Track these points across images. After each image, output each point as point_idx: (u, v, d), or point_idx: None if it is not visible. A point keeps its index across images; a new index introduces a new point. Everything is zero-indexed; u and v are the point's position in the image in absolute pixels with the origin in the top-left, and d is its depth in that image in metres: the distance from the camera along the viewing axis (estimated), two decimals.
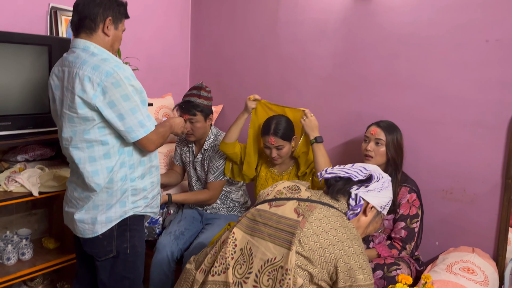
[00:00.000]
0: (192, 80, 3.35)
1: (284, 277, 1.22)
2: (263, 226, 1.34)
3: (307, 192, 1.47)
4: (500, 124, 2.06)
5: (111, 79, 1.63)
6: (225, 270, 1.29)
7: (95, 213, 1.76)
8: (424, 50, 2.24)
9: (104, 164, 1.73)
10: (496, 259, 2.10)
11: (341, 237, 1.30)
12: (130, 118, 1.68)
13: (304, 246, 1.27)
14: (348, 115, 2.55)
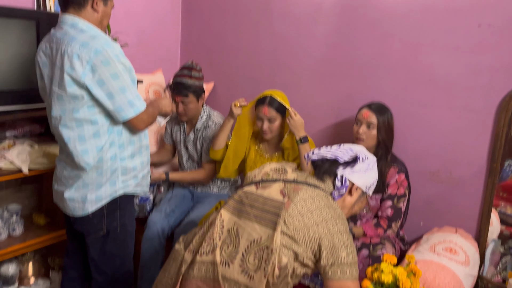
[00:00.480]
0: (183, 56, 3.31)
1: (269, 257, 1.26)
2: (249, 208, 1.37)
3: (293, 173, 1.49)
4: (488, 109, 2.09)
5: (100, 57, 1.61)
6: (213, 251, 1.32)
7: (85, 192, 1.77)
8: (417, 33, 2.24)
9: (94, 143, 1.72)
10: (478, 240, 2.17)
11: (325, 216, 1.33)
12: (120, 97, 1.66)
13: (289, 226, 1.30)
14: (339, 95, 2.55)
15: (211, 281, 1.30)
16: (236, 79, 3.02)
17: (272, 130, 2.27)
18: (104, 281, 1.92)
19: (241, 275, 1.28)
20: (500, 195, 2.33)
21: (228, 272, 1.29)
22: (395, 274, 1.61)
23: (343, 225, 1.35)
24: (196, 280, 1.32)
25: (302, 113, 2.64)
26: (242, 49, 2.95)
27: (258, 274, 1.26)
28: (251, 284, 1.26)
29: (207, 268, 1.31)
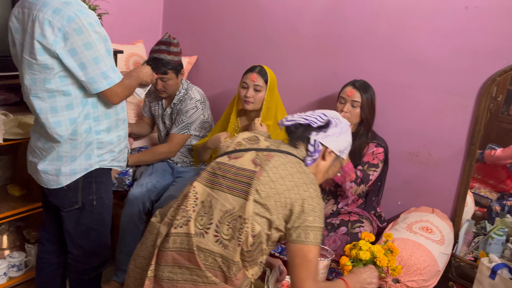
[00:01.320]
0: (165, 28, 3.22)
1: (242, 226, 1.27)
2: (222, 179, 1.37)
3: (266, 141, 1.48)
4: (469, 92, 2.12)
5: (73, 24, 1.53)
6: (187, 223, 1.32)
7: (59, 165, 1.72)
8: (404, 13, 2.23)
9: (67, 115, 1.66)
10: (453, 220, 2.23)
11: (297, 181, 1.33)
12: (93, 68, 1.60)
13: (261, 194, 1.30)
14: (324, 73, 2.54)
15: (186, 252, 1.31)
16: (220, 53, 2.96)
17: (255, 99, 2.23)
18: (80, 254, 1.90)
19: (215, 245, 1.29)
20: (475, 176, 2.39)
21: (203, 243, 1.30)
22: (373, 252, 1.65)
23: (315, 190, 1.35)
24: (172, 252, 1.32)
25: (286, 90, 2.64)
26: (227, 22, 2.88)
27: (232, 243, 1.27)
28: (226, 253, 1.28)
29: (182, 240, 1.32)
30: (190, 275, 1.30)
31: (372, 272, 1.56)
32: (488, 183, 2.39)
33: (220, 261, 1.28)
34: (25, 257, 2.39)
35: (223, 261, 1.28)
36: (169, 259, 1.32)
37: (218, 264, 1.28)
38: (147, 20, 3.14)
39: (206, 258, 1.29)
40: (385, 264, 1.64)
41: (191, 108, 2.41)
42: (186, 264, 1.30)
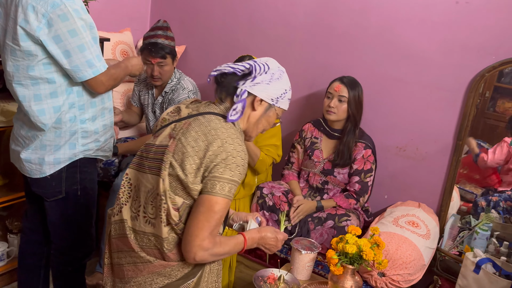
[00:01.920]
0: (153, 16, 3.16)
1: (161, 203, 1.24)
2: (145, 160, 1.34)
3: (187, 109, 1.38)
4: (458, 88, 2.12)
5: (58, 10, 1.50)
6: (120, 210, 1.34)
7: (42, 154, 1.69)
8: (395, 7, 2.22)
9: (51, 103, 1.63)
10: (439, 214, 2.25)
11: (210, 139, 1.25)
12: (77, 56, 1.56)
13: (175, 166, 1.25)
14: (314, 66, 2.52)
15: (123, 237, 1.33)
16: (209, 43, 2.92)
17: None
18: (64, 245, 1.87)
19: (146, 225, 1.30)
20: (461, 171, 2.41)
21: (137, 225, 1.31)
22: (359, 245, 1.65)
23: (231, 143, 1.25)
24: (115, 239, 1.36)
25: None
26: (217, 11, 2.84)
27: (157, 221, 1.27)
28: (155, 231, 1.27)
29: (119, 226, 1.35)
30: (130, 257, 1.32)
31: (277, 235, 1.48)
32: (474, 178, 2.41)
33: (154, 240, 1.28)
34: (7, 247, 2.35)
35: (156, 239, 1.27)
36: (114, 246, 1.36)
37: (153, 243, 1.29)
38: (135, 8, 3.08)
39: (142, 239, 1.30)
40: (371, 258, 1.63)
41: (184, 98, 2.37)
42: (125, 248, 1.33)
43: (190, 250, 1.22)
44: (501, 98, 2.28)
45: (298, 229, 2.13)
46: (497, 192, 2.27)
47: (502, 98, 2.28)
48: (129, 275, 1.33)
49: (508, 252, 2.05)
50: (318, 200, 2.24)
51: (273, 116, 1.44)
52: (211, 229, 1.23)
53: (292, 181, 2.33)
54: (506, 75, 2.22)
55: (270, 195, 2.19)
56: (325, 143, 2.28)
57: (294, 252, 1.81)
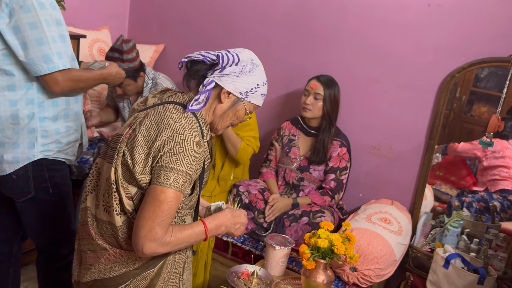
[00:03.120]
0: (132, 14, 3.15)
1: (111, 191, 1.23)
2: (108, 149, 1.31)
3: (153, 99, 1.35)
4: (430, 88, 2.17)
5: (21, 1, 1.48)
6: (86, 198, 1.34)
7: (1, 151, 1.64)
8: (370, 8, 2.26)
9: (8, 96, 1.58)
10: (412, 212, 2.29)
11: (161, 128, 1.22)
12: (34, 49, 1.51)
13: (126, 155, 1.23)
14: (292, 66, 2.55)
15: (85, 225, 1.33)
16: (188, 42, 2.93)
17: None
18: (47, 244, 1.82)
19: (103, 214, 1.28)
20: (437, 173, 2.46)
21: (98, 214, 1.30)
22: (331, 240, 1.67)
23: (182, 133, 1.21)
24: (80, 226, 1.37)
25: None
26: (195, 10, 2.85)
27: (110, 209, 1.25)
28: (111, 219, 1.26)
29: (84, 214, 1.35)
30: (90, 245, 1.32)
31: (241, 216, 1.41)
32: (450, 180, 2.47)
33: (110, 228, 1.27)
34: None
35: (112, 227, 1.26)
36: (80, 232, 1.37)
37: (110, 231, 1.28)
38: (113, 6, 3.06)
39: (101, 227, 1.29)
40: (343, 252, 1.65)
41: None
42: (86, 235, 1.33)
43: (137, 242, 1.17)
44: (477, 102, 2.35)
45: (273, 226, 2.14)
46: (471, 192, 2.33)
47: (478, 102, 2.34)
48: (90, 262, 1.32)
49: (478, 249, 2.10)
50: (294, 197, 2.25)
51: (242, 111, 1.37)
52: (160, 220, 1.16)
53: (269, 179, 2.35)
54: (481, 79, 2.29)
55: (246, 193, 2.20)
56: (302, 141, 2.31)
57: (268, 247, 1.82)
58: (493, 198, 2.24)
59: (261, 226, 2.15)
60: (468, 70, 2.09)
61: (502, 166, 2.28)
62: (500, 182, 2.27)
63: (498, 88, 2.08)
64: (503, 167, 2.28)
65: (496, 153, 2.29)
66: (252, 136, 2.29)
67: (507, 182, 2.26)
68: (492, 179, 2.30)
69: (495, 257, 2.10)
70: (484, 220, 2.24)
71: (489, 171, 2.32)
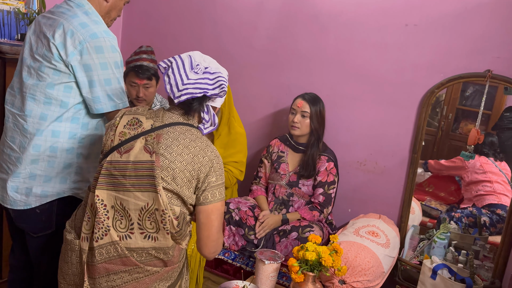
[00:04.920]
0: (124, 40, 3.25)
1: (164, 216, 1.28)
2: (123, 178, 1.30)
3: (148, 121, 1.37)
4: (411, 104, 2.25)
5: (96, 41, 1.54)
6: (106, 232, 1.31)
7: (31, 184, 1.61)
8: (350, 30, 2.36)
9: (52, 126, 1.59)
10: (399, 225, 2.33)
11: (193, 151, 1.33)
12: (102, 88, 1.58)
13: (167, 180, 1.30)
14: (278, 86, 2.63)
15: (118, 258, 1.31)
16: None
17: None
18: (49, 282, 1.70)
19: (145, 241, 1.31)
20: (427, 190, 2.52)
21: (131, 244, 1.31)
22: (319, 252, 1.70)
23: (212, 151, 1.37)
24: (102, 264, 1.31)
25: (242, 102, 2.71)
26: (185, 35, 2.95)
27: (160, 234, 1.30)
28: (158, 244, 1.31)
29: (108, 249, 1.31)
30: (129, 275, 1.32)
31: None
32: (439, 196, 2.52)
33: (154, 253, 1.31)
34: None
35: (157, 252, 1.31)
36: (102, 270, 1.32)
37: (153, 256, 1.32)
38: None
39: (140, 255, 1.31)
40: (330, 264, 1.69)
41: None
42: (122, 268, 1.31)
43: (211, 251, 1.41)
44: (464, 120, 2.43)
45: (264, 242, 2.17)
46: (460, 208, 2.38)
47: (465, 120, 2.42)
48: None
49: (466, 260, 2.13)
50: (283, 213, 2.30)
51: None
52: (219, 228, 1.41)
53: (259, 196, 2.39)
54: (467, 97, 2.38)
55: (237, 210, 2.24)
56: (291, 157, 2.37)
57: (258, 262, 1.85)
58: (482, 213, 2.29)
59: (251, 242, 2.18)
60: (446, 85, 2.17)
61: (485, 181, 2.35)
62: (485, 197, 2.33)
63: (484, 105, 2.15)
64: (486, 182, 2.34)
65: (477, 169, 2.35)
66: (236, 161, 2.32)
67: (493, 197, 2.32)
68: (477, 195, 2.36)
69: (482, 267, 2.14)
70: (472, 232, 2.29)
71: (473, 187, 2.38)
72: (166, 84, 1.38)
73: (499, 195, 2.30)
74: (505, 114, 2.25)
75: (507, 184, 2.30)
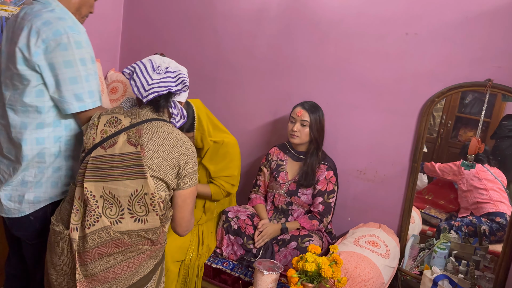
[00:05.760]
0: (124, 48, 3.24)
1: (153, 200, 1.43)
2: (110, 170, 1.43)
3: (126, 118, 1.52)
4: (411, 113, 2.25)
5: (59, 39, 1.48)
6: (98, 219, 1.41)
7: (23, 191, 1.60)
8: (350, 38, 2.36)
9: (35, 134, 1.56)
10: (399, 235, 2.32)
11: (172, 141, 1.50)
12: (67, 87, 1.51)
13: (152, 167, 1.45)
14: (278, 94, 2.62)
15: (111, 241, 1.41)
16: None
17: None
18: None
19: (135, 224, 1.44)
20: (426, 198, 2.50)
21: (122, 227, 1.43)
22: (318, 263, 1.69)
23: (187, 142, 1.54)
24: (95, 249, 1.41)
25: (242, 110, 2.70)
26: (184, 44, 2.95)
27: (150, 216, 1.44)
28: (147, 226, 1.45)
29: (100, 235, 1.41)
30: (122, 255, 1.43)
31: None
32: (439, 204, 2.51)
33: (143, 234, 1.45)
34: None
35: (146, 233, 1.45)
36: (95, 255, 1.41)
37: (142, 237, 1.46)
38: (104, 40, 3.15)
39: (130, 237, 1.44)
40: (330, 275, 1.67)
41: None
42: (115, 250, 1.42)
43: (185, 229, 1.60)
44: (463, 128, 2.42)
45: (262, 251, 2.15)
46: (459, 217, 2.36)
47: (464, 128, 2.42)
48: (120, 273, 1.43)
49: (466, 271, 2.11)
50: (282, 222, 2.28)
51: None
52: (192, 209, 1.61)
53: (258, 204, 2.37)
54: (466, 105, 2.37)
55: (235, 219, 2.22)
56: (290, 165, 2.36)
57: (257, 273, 1.83)
58: (481, 222, 2.28)
59: (250, 252, 2.16)
60: (446, 94, 2.17)
61: (481, 189, 2.34)
62: (483, 205, 2.32)
63: (484, 113, 2.14)
64: (482, 190, 2.33)
65: (472, 176, 2.34)
66: (225, 176, 2.25)
67: (490, 205, 2.31)
68: (474, 203, 2.35)
69: (483, 278, 2.12)
70: (472, 242, 2.27)
71: (469, 195, 2.37)
72: (133, 87, 1.53)
73: (496, 203, 2.29)
74: (503, 122, 2.25)
75: (503, 191, 2.29)
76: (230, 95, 2.76)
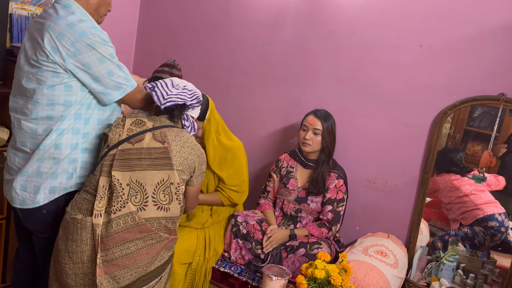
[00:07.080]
0: (138, 50, 3.28)
1: (178, 189, 1.63)
2: (139, 160, 1.60)
3: (150, 121, 1.71)
4: (423, 124, 2.26)
5: (86, 39, 1.57)
6: (125, 204, 1.55)
7: (39, 182, 1.65)
8: (365, 49, 2.38)
9: (57, 125, 1.63)
10: (408, 246, 2.32)
11: (190, 145, 1.70)
12: (106, 81, 1.64)
13: (175, 163, 1.63)
14: (290, 101, 2.64)
15: (135, 227, 1.55)
16: (192, 78, 3.02)
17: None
18: None
19: (157, 211, 1.60)
20: (433, 210, 2.50)
21: (145, 214, 1.58)
22: (328, 270, 1.69)
23: (199, 149, 1.74)
24: (119, 233, 1.53)
25: (253, 116, 2.73)
26: (199, 48, 2.98)
27: (172, 205, 1.62)
28: (169, 214, 1.62)
29: (125, 219, 1.54)
30: (144, 242, 1.57)
31: None
32: (445, 216, 2.50)
33: (164, 222, 1.62)
34: None
35: (166, 221, 1.62)
36: (118, 240, 1.53)
37: (162, 225, 1.61)
38: (120, 42, 3.17)
39: (152, 224, 1.58)
40: (339, 283, 1.68)
41: None
42: (137, 236, 1.56)
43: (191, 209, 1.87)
44: (471, 141, 2.42)
45: (271, 257, 2.15)
46: (452, 230, 2.35)
47: (472, 141, 2.42)
48: (140, 259, 1.56)
49: (474, 284, 2.11)
50: (291, 228, 2.28)
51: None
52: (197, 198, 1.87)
53: (267, 210, 2.38)
54: (475, 119, 2.37)
55: (244, 223, 2.23)
56: (300, 173, 2.37)
57: (265, 278, 1.84)
58: (475, 231, 2.27)
59: (258, 257, 2.17)
60: (459, 107, 2.18)
61: (461, 197, 2.33)
62: (469, 213, 2.31)
63: (491, 127, 2.16)
64: (463, 197, 2.32)
65: (450, 188, 2.34)
66: (234, 185, 2.24)
67: (476, 211, 2.28)
68: (461, 213, 2.34)
69: None
70: (480, 256, 2.27)
71: (453, 206, 2.37)
72: (153, 96, 1.69)
73: (481, 206, 2.28)
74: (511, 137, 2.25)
75: (484, 191, 2.26)
76: (242, 100, 2.78)
